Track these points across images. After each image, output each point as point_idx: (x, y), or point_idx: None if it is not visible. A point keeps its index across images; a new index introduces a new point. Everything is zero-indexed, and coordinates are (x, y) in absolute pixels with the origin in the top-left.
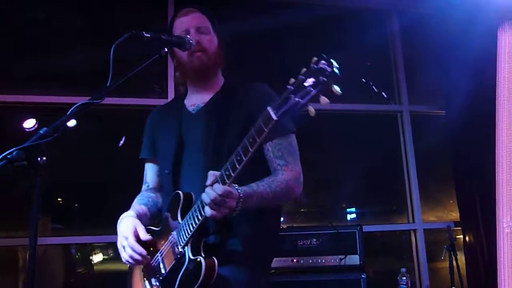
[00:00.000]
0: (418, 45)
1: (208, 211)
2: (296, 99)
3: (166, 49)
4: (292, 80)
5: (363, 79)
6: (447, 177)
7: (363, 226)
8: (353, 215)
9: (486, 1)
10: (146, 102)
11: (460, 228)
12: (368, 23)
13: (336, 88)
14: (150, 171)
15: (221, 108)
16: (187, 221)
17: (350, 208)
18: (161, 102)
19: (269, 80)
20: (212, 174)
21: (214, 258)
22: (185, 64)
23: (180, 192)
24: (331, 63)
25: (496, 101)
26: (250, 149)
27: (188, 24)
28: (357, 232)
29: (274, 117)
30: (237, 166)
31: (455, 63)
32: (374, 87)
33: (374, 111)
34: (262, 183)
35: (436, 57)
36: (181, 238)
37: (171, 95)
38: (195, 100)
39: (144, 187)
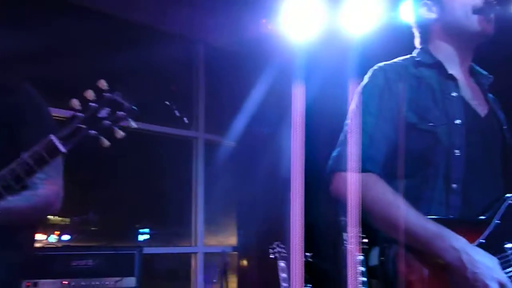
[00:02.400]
0: (220, 77)
1: None
2: (90, 131)
3: None
4: (77, 104)
5: (166, 102)
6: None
7: (148, 248)
8: (146, 236)
9: (280, 51)
10: None
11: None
12: (176, 49)
13: (133, 123)
14: None
15: None
16: None
17: (142, 229)
18: None
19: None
20: None
21: None
22: None
23: None
24: (126, 97)
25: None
26: (24, 178)
27: None
28: (136, 254)
29: (63, 150)
30: (3, 192)
31: (248, 99)
32: (176, 112)
33: (171, 135)
34: (20, 197)
35: (233, 90)
36: None
37: None
38: None
39: None
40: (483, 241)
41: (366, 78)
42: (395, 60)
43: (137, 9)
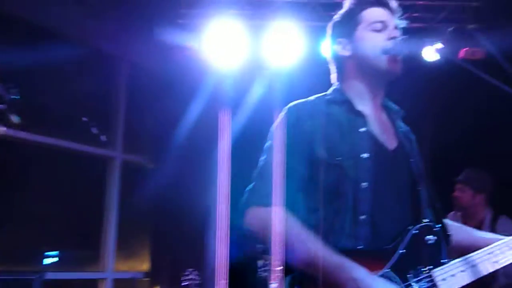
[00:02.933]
0: (145, 97)
1: None
2: None
3: None
4: None
5: (83, 118)
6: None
7: (52, 273)
8: (53, 259)
9: (205, 76)
10: None
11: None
12: (99, 64)
13: (15, 118)
14: None
15: None
16: None
17: (49, 251)
18: None
19: None
20: None
21: None
22: None
23: None
24: (8, 89)
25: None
26: None
27: None
28: (35, 280)
29: None
30: None
31: (170, 121)
32: (94, 129)
33: (87, 153)
34: None
35: (157, 112)
36: None
37: None
38: None
39: None
40: (388, 270)
41: (280, 117)
42: (309, 98)
43: (57, 17)
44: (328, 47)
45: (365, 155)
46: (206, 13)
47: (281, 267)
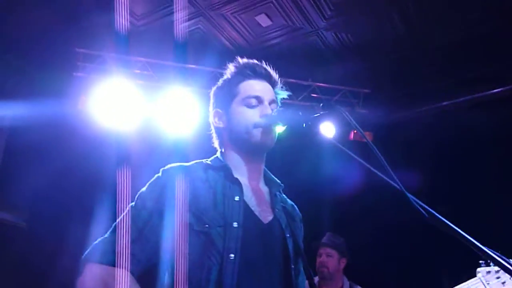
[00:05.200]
0: (24, 152)
1: None
2: None
3: None
4: None
5: None
6: None
7: None
8: None
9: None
10: None
11: None
12: None
13: None
14: None
15: None
16: None
17: None
18: None
19: None
20: None
21: None
22: None
23: None
24: None
25: None
26: None
27: None
28: None
29: None
30: None
31: (53, 179)
32: None
33: None
34: None
35: (37, 167)
36: None
37: None
38: None
39: None
40: None
41: (155, 176)
42: (190, 163)
43: None
44: (209, 115)
45: (235, 224)
46: (103, 69)
47: None
